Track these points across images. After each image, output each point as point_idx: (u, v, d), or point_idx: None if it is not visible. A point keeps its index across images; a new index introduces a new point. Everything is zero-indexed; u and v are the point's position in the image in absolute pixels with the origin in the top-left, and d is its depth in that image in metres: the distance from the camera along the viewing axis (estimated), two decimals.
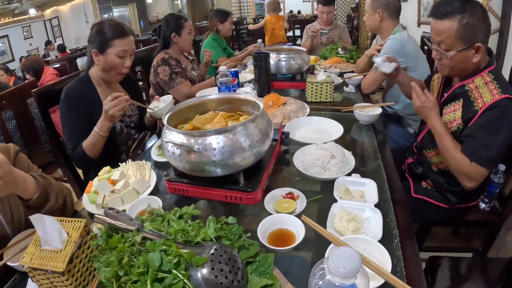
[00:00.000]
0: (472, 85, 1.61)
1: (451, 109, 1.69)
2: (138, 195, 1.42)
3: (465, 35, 1.51)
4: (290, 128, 1.81)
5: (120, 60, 1.94)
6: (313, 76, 2.40)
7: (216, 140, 1.18)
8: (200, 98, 1.54)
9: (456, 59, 1.58)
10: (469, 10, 1.49)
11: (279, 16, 5.99)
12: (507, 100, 1.48)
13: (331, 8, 4.26)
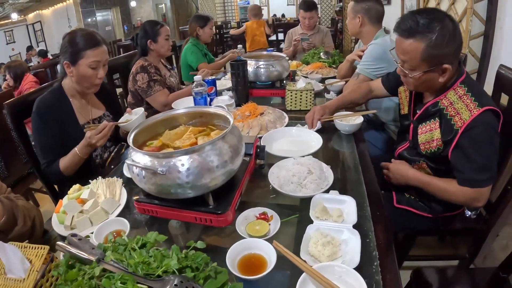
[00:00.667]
0: (445, 102, 1.53)
1: (427, 128, 1.61)
2: (107, 215, 1.34)
3: (432, 57, 1.42)
4: (267, 140, 1.74)
5: (93, 71, 1.87)
6: (292, 83, 2.33)
7: (182, 161, 1.10)
8: (170, 113, 1.45)
9: (420, 79, 1.52)
10: (438, 30, 1.38)
11: (260, 21, 5.91)
12: (486, 113, 1.40)
13: (313, 13, 4.25)
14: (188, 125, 1.45)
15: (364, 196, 1.38)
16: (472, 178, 1.45)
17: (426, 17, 1.41)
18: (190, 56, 3.97)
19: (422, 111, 1.64)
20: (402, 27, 1.46)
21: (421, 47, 1.41)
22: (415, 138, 1.68)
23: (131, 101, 2.90)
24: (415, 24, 1.41)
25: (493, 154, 1.43)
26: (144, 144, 1.35)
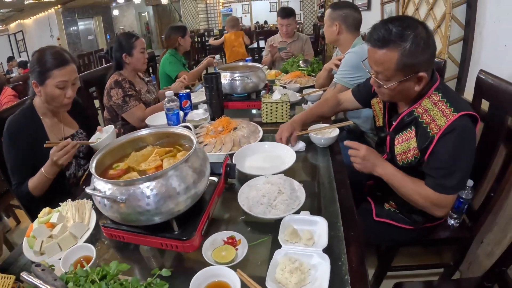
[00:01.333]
0: (421, 110, 1.49)
1: (403, 138, 1.57)
2: (76, 240, 1.30)
3: (407, 66, 1.38)
4: (239, 156, 1.70)
5: (61, 91, 1.83)
6: (268, 95, 2.29)
7: (144, 188, 1.06)
8: (136, 133, 1.41)
9: (396, 90, 1.47)
10: (411, 39, 1.34)
11: (238, 32, 5.86)
12: (462, 118, 1.36)
13: (290, 21, 4.23)
14: (155, 145, 1.41)
15: (338, 215, 1.34)
16: (440, 183, 1.42)
17: (398, 25, 1.37)
18: (168, 67, 3.96)
19: (397, 122, 1.60)
20: (374, 37, 1.42)
21: (395, 56, 1.37)
22: (393, 150, 1.64)
23: (107, 116, 2.84)
24: (387, 33, 1.37)
25: (467, 161, 1.41)
26: (110, 167, 1.32)
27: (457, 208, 1.81)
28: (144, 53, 2.81)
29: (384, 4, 4.31)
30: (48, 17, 12.27)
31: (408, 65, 1.38)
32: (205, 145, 1.86)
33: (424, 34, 1.36)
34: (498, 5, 2.16)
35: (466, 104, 1.44)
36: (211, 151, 1.80)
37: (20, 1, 8.13)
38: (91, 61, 8.71)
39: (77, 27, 13.73)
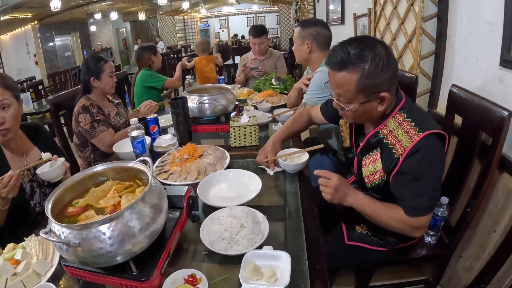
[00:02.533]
0: (386, 130, 1.47)
1: (370, 160, 1.55)
2: (40, 277, 1.26)
3: (367, 87, 1.36)
4: (204, 187, 1.66)
5: None
6: (236, 118, 2.27)
7: (100, 231, 1.03)
8: (96, 168, 1.38)
9: (358, 111, 1.44)
10: (370, 59, 1.32)
11: (210, 57, 5.55)
12: (428, 137, 1.33)
13: (262, 39, 4.23)
14: (115, 179, 1.38)
15: (303, 248, 1.30)
16: (411, 205, 1.39)
17: (356, 46, 1.35)
18: (152, 80, 4.08)
19: (364, 143, 1.58)
20: (332, 59, 1.40)
21: (355, 78, 1.35)
22: (359, 171, 1.62)
23: (77, 142, 2.77)
24: (346, 55, 1.35)
25: (435, 180, 1.38)
26: (70, 203, 1.28)
27: (433, 225, 1.80)
28: (112, 76, 2.77)
29: (356, 19, 4.37)
30: (24, 33, 12.07)
31: (368, 86, 1.36)
32: (171, 174, 1.82)
33: (383, 53, 1.34)
34: (468, 18, 2.19)
35: (432, 122, 1.42)
36: (177, 180, 1.77)
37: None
38: (67, 78, 8.58)
39: (54, 44, 13.55)
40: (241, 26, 18.40)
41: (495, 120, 1.57)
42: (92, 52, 15.97)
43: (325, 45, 2.57)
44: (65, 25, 14.09)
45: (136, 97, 4.17)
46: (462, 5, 2.26)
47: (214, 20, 18.96)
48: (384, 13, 3.31)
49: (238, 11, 18.70)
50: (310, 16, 7.80)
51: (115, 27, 17.43)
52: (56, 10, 7.55)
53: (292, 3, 13.89)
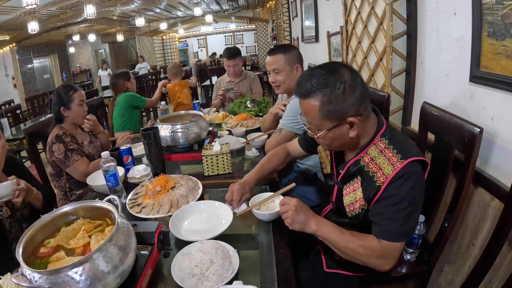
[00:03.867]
0: (367, 158, 1.44)
1: (351, 189, 1.51)
2: None
3: (332, 112, 1.36)
4: (176, 220, 1.66)
5: None
6: (209, 146, 2.28)
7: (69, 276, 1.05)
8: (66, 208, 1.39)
9: (328, 138, 1.44)
10: (331, 84, 1.33)
11: (183, 82, 5.41)
12: (411, 165, 1.31)
13: (236, 61, 4.28)
14: (86, 218, 1.39)
15: (274, 280, 1.31)
16: (387, 230, 1.34)
17: (319, 72, 1.37)
18: (135, 100, 4.25)
19: (344, 171, 1.54)
20: (298, 87, 1.43)
21: (318, 104, 1.36)
22: (339, 200, 1.58)
23: (52, 171, 2.76)
24: (309, 82, 1.37)
25: (414, 206, 1.33)
26: (42, 244, 1.29)
27: (412, 243, 1.78)
28: (83, 105, 2.77)
29: (330, 37, 4.44)
30: (2, 56, 11.91)
31: (333, 112, 1.36)
32: (144, 207, 1.82)
33: (347, 77, 1.35)
34: (437, 35, 2.21)
35: (415, 149, 1.41)
36: (149, 213, 1.77)
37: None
38: (45, 102, 8.50)
39: (33, 66, 13.40)
40: (219, 45, 18.52)
41: (466, 138, 1.59)
42: (71, 74, 15.88)
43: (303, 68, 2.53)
44: (43, 47, 13.99)
45: (116, 119, 4.24)
46: (430, 22, 2.29)
47: (193, 39, 19.08)
48: (355, 32, 3.34)
49: (216, 30, 18.87)
50: (286, 34, 7.92)
51: (94, 48, 17.37)
52: (34, 32, 7.50)
53: (269, 21, 14.08)
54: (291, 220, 1.45)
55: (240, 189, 1.79)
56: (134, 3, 9.11)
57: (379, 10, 2.75)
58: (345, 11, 3.51)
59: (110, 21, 12.04)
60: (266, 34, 16.84)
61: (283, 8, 7.77)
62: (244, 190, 1.80)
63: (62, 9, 8.28)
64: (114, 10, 9.79)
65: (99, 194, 2.15)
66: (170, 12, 12.68)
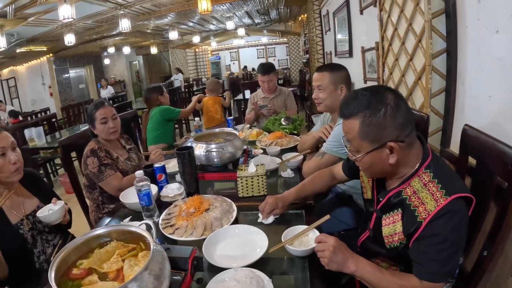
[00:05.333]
0: (409, 191, 1.37)
1: (390, 220, 1.45)
2: None
3: (370, 135, 1.33)
4: (209, 244, 1.62)
5: (2, 159, 1.85)
6: (244, 166, 2.25)
7: None
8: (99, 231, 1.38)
9: (366, 162, 1.40)
10: (373, 105, 1.31)
11: (216, 98, 5.59)
12: (455, 202, 1.24)
13: (271, 77, 4.26)
14: (120, 240, 1.38)
15: None
16: (429, 270, 1.28)
17: (363, 93, 1.35)
18: (170, 113, 4.24)
19: (385, 201, 1.48)
20: (341, 107, 1.41)
21: (357, 124, 1.33)
22: (377, 229, 1.52)
23: (86, 183, 2.80)
24: (352, 102, 1.36)
25: (456, 246, 1.27)
26: (74, 264, 1.28)
27: None
28: (106, 123, 2.74)
29: (364, 52, 4.34)
30: (40, 65, 12.37)
31: (372, 134, 1.33)
32: (177, 228, 1.80)
33: (391, 100, 1.32)
34: (478, 53, 2.09)
35: (460, 184, 1.34)
36: (182, 236, 1.74)
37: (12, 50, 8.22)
38: (80, 111, 8.73)
39: (69, 75, 13.78)
40: (251, 57, 18.61)
41: (510, 164, 1.47)
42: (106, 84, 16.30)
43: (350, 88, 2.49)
44: (79, 58, 14.38)
45: (150, 132, 4.26)
46: (471, 40, 2.17)
47: (225, 52, 19.22)
48: (392, 48, 3.21)
49: (248, 43, 18.94)
50: (318, 48, 7.86)
51: (128, 60, 17.75)
52: (70, 44, 7.73)
53: (301, 35, 14.06)
54: (328, 260, 1.39)
55: (273, 203, 1.82)
56: (167, 17, 9.25)
57: (417, 27, 2.64)
58: (381, 27, 3.40)
59: (144, 34, 12.27)
60: (298, 48, 16.84)
61: (315, 22, 7.70)
62: (277, 205, 1.83)
63: (97, 22, 8.50)
64: (148, 24, 9.97)
65: (131, 211, 2.16)
66: (202, 25, 12.84)
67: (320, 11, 7.45)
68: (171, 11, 8.30)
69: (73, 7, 5.49)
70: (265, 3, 9.48)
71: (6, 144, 1.88)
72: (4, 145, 1.86)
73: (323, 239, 1.43)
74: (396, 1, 2.94)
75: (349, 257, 1.39)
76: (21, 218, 1.93)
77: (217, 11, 9.64)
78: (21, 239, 1.90)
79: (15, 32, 7.59)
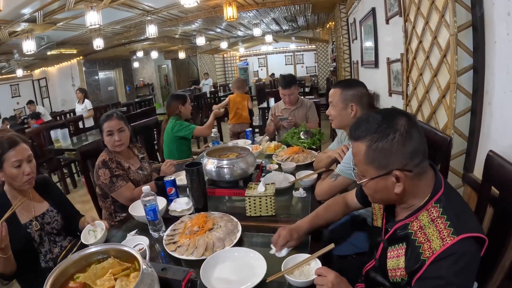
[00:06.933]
0: (416, 225, 1.28)
1: (395, 253, 1.36)
2: None
3: (376, 161, 1.27)
4: (208, 266, 1.59)
5: (18, 170, 1.98)
6: (254, 185, 2.21)
7: None
8: (97, 248, 1.41)
9: (371, 187, 1.34)
10: (382, 129, 1.25)
11: (244, 95, 5.78)
12: (462, 243, 1.14)
13: (292, 90, 4.19)
14: (117, 257, 1.39)
15: None
16: None
17: (374, 116, 1.30)
18: (181, 130, 4.02)
19: (391, 232, 1.40)
20: (351, 129, 1.36)
21: (363, 148, 1.28)
22: (382, 260, 1.44)
23: (99, 192, 2.83)
24: (362, 126, 1.31)
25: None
26: (72, 277, 1.32)
27: None
28: (112, 135, 2.73)
29: (390, 64, 4.23)
30: (70, 67, 12.70)
31: (378, 160, 1.27)
32: (179, 246, 1.78)
33: (401, 127, 1.24)
34: (507, 72, 1.92)
35: (473, 222, 1.23)
36: (183, 254, 1.73)
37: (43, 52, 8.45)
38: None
39: (98, 78, 14.08)
40: (279, 64, 18.61)
41: None
42: (134, 87, 16.51)
43: (368, 108, 2.37)
44: (109, 61, 14.68)
45: (165, 145, 4.16)
46: (500, 56, 2.02)
47: (253, 58, 19.26)
48: (416, 62, 3.08)
49: (276, 50, 18.91)
50: (345, 56, 7.77)
51: (157, 64, 17.99)
52: (99, 48, 7.89)
53: (329, 42, 13.94)
54: None
55: (287, 235, 1.73)
56: (195, 24, 9.31)
57: (442, 41, 2.51)
58: (405, 39, 3.27)
59: (172, 39, 12.39)
60: (326, 55, 16.71)
61: (342, 30, 7.63)
62: (291, 238, 1.73)
63: (126, 27, 8.61)
64: (175, 30, 10.06)
65: (140, 223, 2.17)
66: (230, 32, 12.89)
67: (347, 19, 7.38)
68: (198, 17, 8.35)
69: (100, 14, 5.58)
70: (292, 10, 9.43)
71: (23, 157, 2.00)
72: (21, 158, 1.99)
73: (323, 273, 1.37)
74: (421, 12, 2.82)
75: None
76: (30, 219, 2.07)
77: (244, 18, 9.63)
78: (28, 238, 2.03)
79: (45, 36, 7.77)
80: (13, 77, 12.29)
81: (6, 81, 12.39)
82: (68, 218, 2.26)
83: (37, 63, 12.18)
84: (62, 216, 2.23)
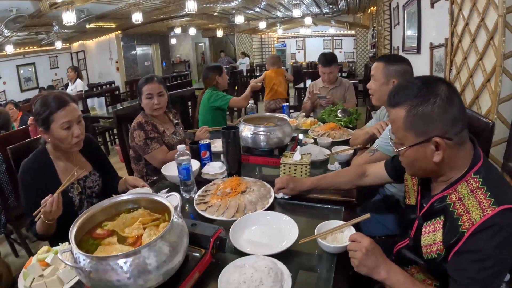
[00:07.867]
0: (454, 197, 1.23)
1: (431, 228, 1.31)
2: (63, 284, 1.32)
3: (416, 126, 1.21)
4: (237, 227, 1.57)
5: (67, 132, 1.88)
6: (290, 153, 2.16)
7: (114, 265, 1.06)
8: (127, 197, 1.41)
9: (409, 156, 1.28)
10: (423, 94, 1.19)
11: (279, 70, 5.72)
12: (503, 214, 1.09)
13: (332, 69, 4.10)
14: (148, 208, 1.39)
15: None
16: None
17: (413, 82, 1.25)
18: (217, 100, 3.99)
19: (427, 207, 1.34)
20: (390, 97, 1.29)
21: (403, 114, 1.22)
22: (417, 237, 1.38)
23: (132, 154, 2.87)
24: (402, 91, 1.26)
25: (500, 266, 1.11)
26: (99, 225, 1.33)
27: None
28: (151, 98, 2.73)
29: (433, 49, 4.10)
30: (108, 41, 12.81)
31: (417, 125, 1.21)
32: (210, 206, 1.77)
33: (443, 92, 1.19)
34: None
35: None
36: (214, 214, 1.71)
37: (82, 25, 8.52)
38: None
39: (135, 52, 14.15)
40: (317, 47, 18.24)
41: None
42: (170, 63, 16.59)
43: None
44: (146, 36, 14.74)
45: (201, 115, 4.16)
46: None
47: (291, 40, 18.98)
48: (461, 45, 2.98)
49: (314, 33, 18.56)
50: (386, 42, 7.56)
51: (194, 41, 17.98)
52: (137, 22, 7.90)
53: (370, 28, 13.58)
54: (358, 262, 1.28)
55: (284, 181, 1.86)
56: (234, 1, 9.21)
57: (489, 22, 2.42)
58: (451, 21, 3.16)
59: (211, 17, 12.30)
60: (365, 41, 16.29)
61: (384, 15, 7.42)
62: (287, 186, 1.86)
63: (165, 2, 8.57)
64: (214, 7, 9.97)
65: (171, 183, 2.17)
66: (269, 12, 12.69)
67: (390, 4, 7.18)
68: None
69: None
70: None
71: (73, 118, 1.90)
72: (70, 118, 1.88)
73: (357, 238, 1.32)
74: None
75: (381, 263, 1.27)
76: (72, 182, 1.97)
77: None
78: (69, 202, 1.98)
79: (85, 9, 7.80)
80: (52, 49, 12.43)
81: (46, 53, 12.55)
82: (108, 180, 2.23)
83: (76, 36, 12.33)
84: (103, 179, 2.20)
